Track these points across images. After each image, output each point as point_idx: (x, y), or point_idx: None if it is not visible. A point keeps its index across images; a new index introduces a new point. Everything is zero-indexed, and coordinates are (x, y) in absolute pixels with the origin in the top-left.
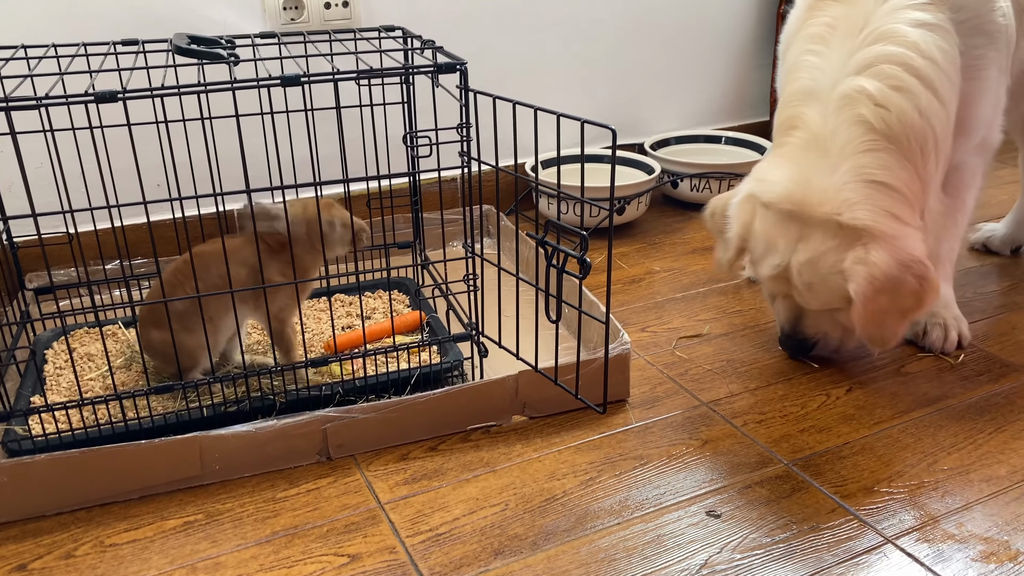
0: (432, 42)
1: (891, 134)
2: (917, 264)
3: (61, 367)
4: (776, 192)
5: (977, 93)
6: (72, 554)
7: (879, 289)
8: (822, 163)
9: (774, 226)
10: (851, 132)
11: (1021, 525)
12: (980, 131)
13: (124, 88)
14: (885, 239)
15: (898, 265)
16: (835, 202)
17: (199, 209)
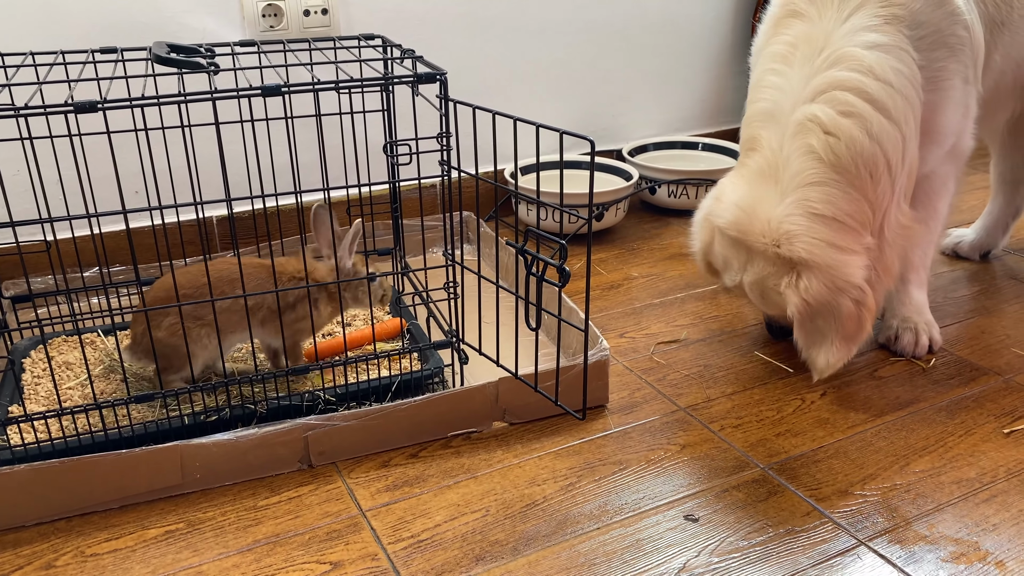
0: (412, 51)
1: (839, 164)
2: (854, 290)
3: (39, 376)
4: (726, 219)
5: (942, 103)
6: (52, 564)
7: (814, 311)
8: (771, 191)
9: (727, 248)
10: (801, 163)
11: (990, 526)
12: (949, 139)
13: (103, 98)
14: (819, 268)
15: (831, 291)
16: (775, 234)
17: (179, 217)
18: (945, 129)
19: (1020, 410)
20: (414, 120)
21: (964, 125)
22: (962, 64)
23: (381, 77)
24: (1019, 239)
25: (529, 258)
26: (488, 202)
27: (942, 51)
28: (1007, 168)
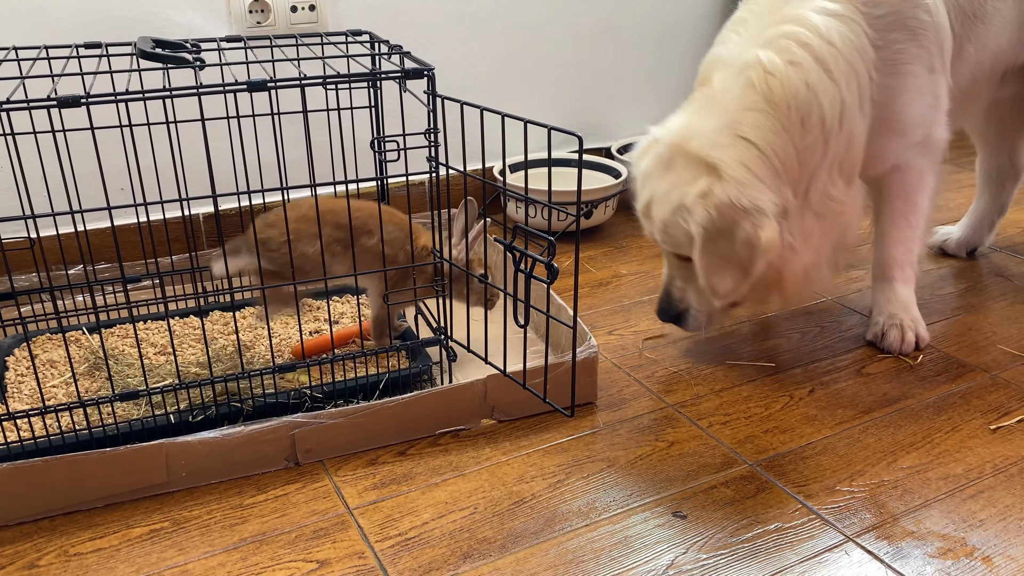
0: (399, 47)
1: (772, 99)
2: (757, 214)
3: (23, 374)
4: (666, 132)
5: (903, 89)
6: (35, 564)
7: (717, 231)
8: (710, 113)
9: (656, 162)
10: (739, 92)
11: (977, 522)
12: (916, 130)
13: (88, 93)
14: (729, 182)
15: (735, 208)
16: (703, 141)
17: (164, 214)
18: (909, 118)
19: (1006, 406)
20: (401, 116)
21: (934, 116)
22: (924, 50)
23: (368, 73)
24: (1005, 236)
25: (518, 255)
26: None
27: (901, 33)
28: (993, 166)
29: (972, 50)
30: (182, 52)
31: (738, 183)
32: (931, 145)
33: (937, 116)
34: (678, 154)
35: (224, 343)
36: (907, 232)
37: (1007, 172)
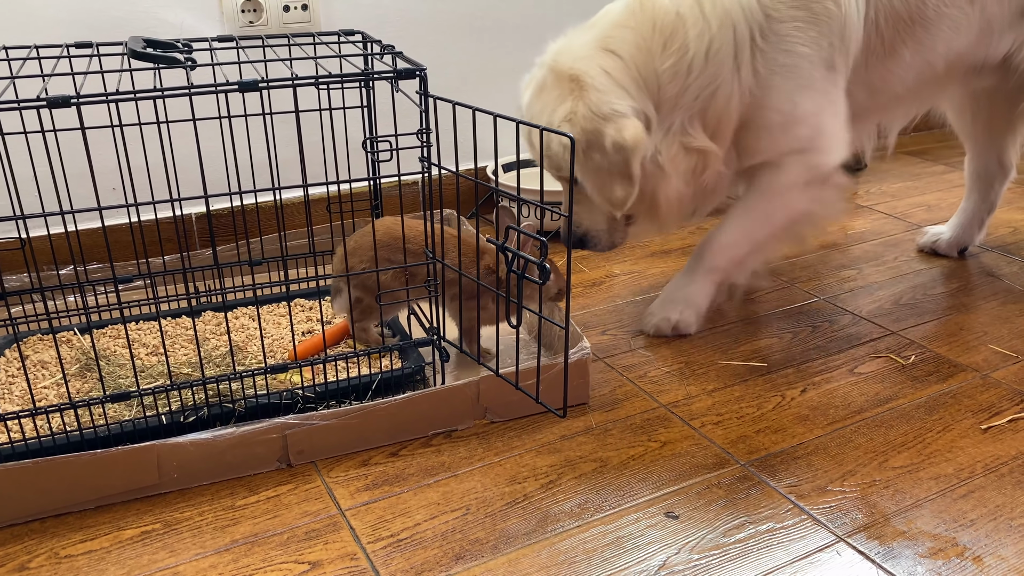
0: (392, 47)
1: (642, 18)
2: (618, 118)
3: (14, 375)
4: (546, 54)
5: (789, 73)
6: (26, 566)
7: (588, 145)
8: (585, 33)
9: (534, 88)
10: (616, 13)
11: (967, 522)
12: (798, 128)
13: (78, 93)
14: (592, 90)
15: (596, 118)
16: (569, 56)
17: (156, 214)
18: (795, 111)
19: (997, 406)
20: (394, 117)
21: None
22: (824, 40)
23: (361, 73)
24: (996, 236)
25: (510, 255)
26: (469, 200)
27: (802, 11)
28: (981, 165)
29: (908, 54)
30: (173, 52)
31: (597, 91)
32: (809, 159)
33: (829, 123)
34: (549, 74)
35: (216, 344)
36: (743, 229)
37: (995, 171)
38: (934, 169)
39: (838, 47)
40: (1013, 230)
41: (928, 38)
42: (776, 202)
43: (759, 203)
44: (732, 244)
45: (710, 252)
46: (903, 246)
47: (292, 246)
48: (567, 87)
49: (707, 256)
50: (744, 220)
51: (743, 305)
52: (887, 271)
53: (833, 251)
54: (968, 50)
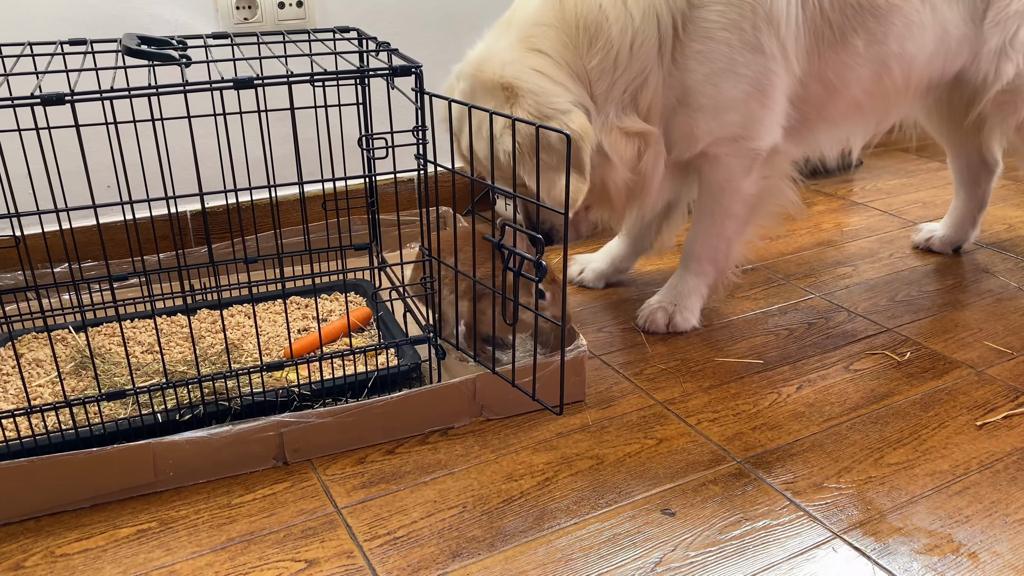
0: (387, 44)
1: (564, 16)
2: (561, 115)
3: (8, 373)
4: (464, 65)
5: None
6: (21, 565)
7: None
8: (504, 34)
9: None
10: (534, 9)
11: (963, 518)
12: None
13: (72, 90)
14: (528, 95)
15: (540, 119)
16: (495, 63)
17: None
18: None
19: (992, 403)
20: (389, 114)
21: (752, 110)
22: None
23: (356, 70)
24: (991, 233)
25: (506, 253)
26: (465, 197)
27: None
28: (963, 165)
29: (862, 45)
30: (168, 49)
31: (534, 94)
32: (747, 145)
33: (758, 111)
34: (477, 85)
35: (211, 341)
36: (711, 229)
37: (979, 168)
38: (929, 166)
39: (765, 29)
40: (1008, 227)
41: (880, 30)
42: (727, 197)
43: (713, 203)
44: (709, 247)
45: (694, 258)
46: (898, 243)
47: (288, 244)
48: (501, 96)
49: (692, 262)
50: (709, 222)
51: (738, 303)
52: (882, 268)
53: (828, 248)
54: (925, 58)
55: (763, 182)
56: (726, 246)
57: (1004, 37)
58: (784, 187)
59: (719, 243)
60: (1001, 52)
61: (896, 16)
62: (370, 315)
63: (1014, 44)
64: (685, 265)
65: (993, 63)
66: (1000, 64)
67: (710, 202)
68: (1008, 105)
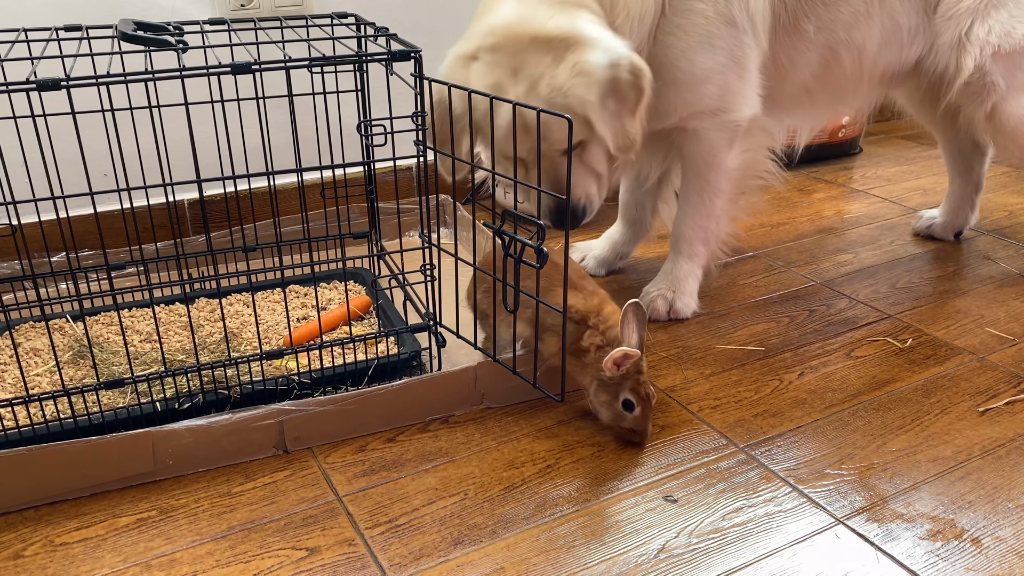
0: (386, 29)
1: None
2: (625, 58)
3: (6, 363)
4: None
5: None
6: (21, 554)
7: (605, 93)
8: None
9: (491, 70)
10: None
11: (966, 504)
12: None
13: (68, 76)
14: (590, 42)
15: (610, 65)
16: (536, 20)
17: (148, 199)
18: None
19: (994, 388)
20: (388, 100)
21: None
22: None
23: (354, 55)
24: (992, 219)
25: (507, 239)
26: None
27: None
28: (955, 149)
29: (812, 30)
30: (164, 35)
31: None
32: (727, 118)
33: (734, 83)
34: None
35: (210, 330)
36: (700, 208)
37: (970, 151)
38: (929, 153)
39: (737, 4)
40: (1008, 213)
41: (829, 16)
42: (712, 172)
43: (699, 180)
44: (699, 227)
45: (684, 240)
46: (899, 230)
47: (286, 232)
48: (559, 47)
49: (683, 244)
50: (696, 200)
51: (739, 290)
52: (883, 255)
53: (829, 235)
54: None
55: (745, 155)
56: (715, 224)
57: (959, 31)
58: (764, 159)
59: (708, 222)
60: (959, 45)
61: (844, 5)
62: (370, 303)
63: (970, 38)
64: (676, 249)
65: (953, 55)
66: (960, 57)
67: (695, 180)
68: (975, 96)
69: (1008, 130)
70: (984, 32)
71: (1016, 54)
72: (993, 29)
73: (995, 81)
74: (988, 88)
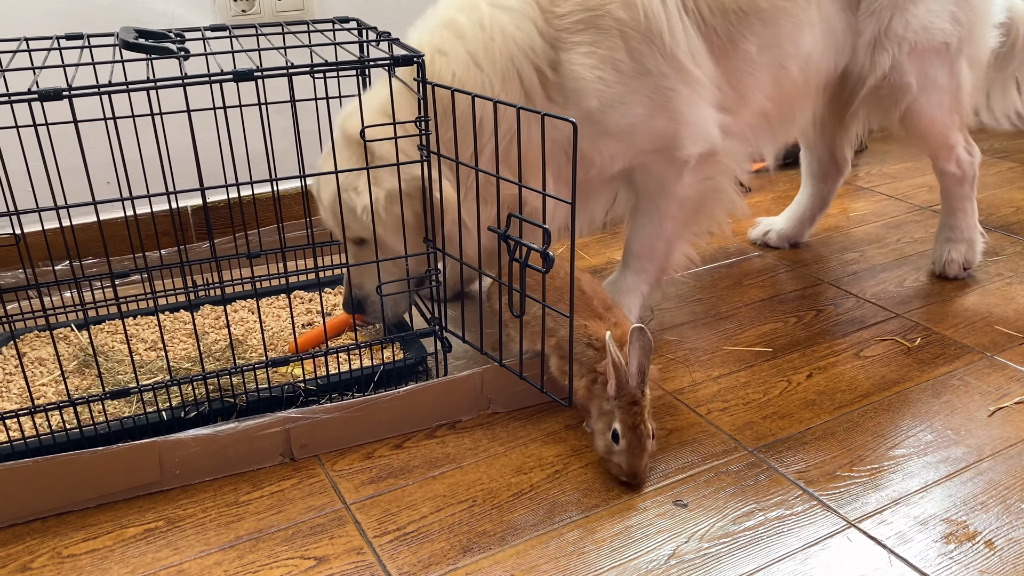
0: (388, 34)
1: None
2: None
3: (11, 373)
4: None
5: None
6: (28, 567)
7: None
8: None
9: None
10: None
11: (978, 505)
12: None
13: (70, 85)
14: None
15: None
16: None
17: (151, 207)
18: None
19: (1005, 388)
20: (391, 105)
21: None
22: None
23: (357, 60)
24: (999, 216)
25: (512, 243)
26: None
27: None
28: (814, 161)
29: (755, 50)
30: (166, 42)
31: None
32: (672, 155)
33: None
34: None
35: (215, 337)
36: (649, 229)
37: (829, 167)
38: None
39: (647, 53)
40: (1016, 209)
41: (771, 33)
42: (663, 200)
43: (649, 204)
44: (648, 245)
45: (634, 256)
46: (905, 228)
47: (290, 237)
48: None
49: (632, 259)
50: (646, 222)
51: (745, 290)
52: (890, 253)
53: (835, 234)
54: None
55: (703, 184)
56: (665, 245)
57: (879, 27)
58: (728, 188)
59: (657, 242)
60: (876, 43)
61: (784, 18)
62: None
63: (888, 35)
64: (625, 262)
65: (868, 55)
66: (875, 55)
67: (646, 204)
68: (889, 98)
69: (921, 131)
70: (902, 28)
71: (930, 52)
72: (911, 24)
73: (909, 82)
74: (902, 89)
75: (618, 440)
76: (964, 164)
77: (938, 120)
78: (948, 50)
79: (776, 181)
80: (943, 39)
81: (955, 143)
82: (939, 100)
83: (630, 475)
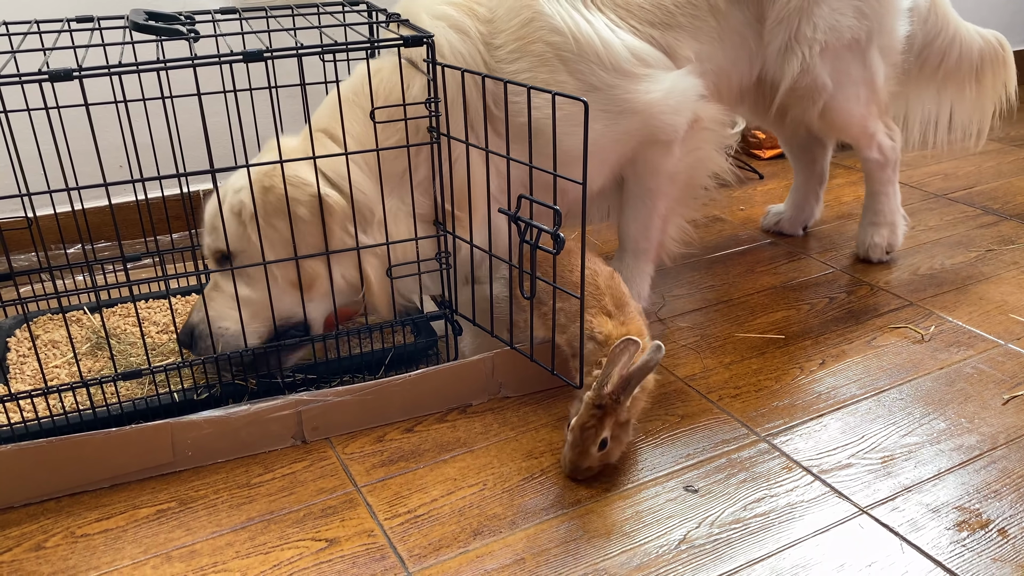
0: (397, 15)
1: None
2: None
3: (24, 355)
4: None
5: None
6: (42, 546)
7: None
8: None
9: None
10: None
11: (991, 493)
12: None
13: (80, 66)
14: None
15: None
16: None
17: (162, 190)
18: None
19: (1019, 376)
20: (401, 86)
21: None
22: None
23: (366, 41)
24: (1015, 204)
25: (523, 225)
26: None
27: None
28: (795, 144)
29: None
30: (176, 24)
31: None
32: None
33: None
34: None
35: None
36: (643, 211)
37: (807, 142)
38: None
39: (588, 70)
40: None
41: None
42: (653, 179)
43: (639, 186)
44: (645, 228)
45: (631, 239)
46: (919, 215)
47: None
48: None
49: (629, 243)
50: (638, 204)
51: (758, 277)
52: (904, 241)
53: (848, 221)
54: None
55: (690, 156)
56: (661, 222)
57: (789, 33)
58: (715, 154)
59: (652, 222)
60: (787, 49)
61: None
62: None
63: (798, 39)
64: (623, 247)
65: (778, 61)
66: (786, 61)
67: (636, 187)
68: (807, 98)
69: (840, 124)
70: (811, 30)
71: (842, 49)
72: (819, 25)
73: (824, 81)
74: (818, 89)
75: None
76: (886, 149)
77: (856, 113)
78: (859, 45)
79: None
80: (852, 35)
81: (875, 131)
82: (855, 93)
83: (564, 469)
